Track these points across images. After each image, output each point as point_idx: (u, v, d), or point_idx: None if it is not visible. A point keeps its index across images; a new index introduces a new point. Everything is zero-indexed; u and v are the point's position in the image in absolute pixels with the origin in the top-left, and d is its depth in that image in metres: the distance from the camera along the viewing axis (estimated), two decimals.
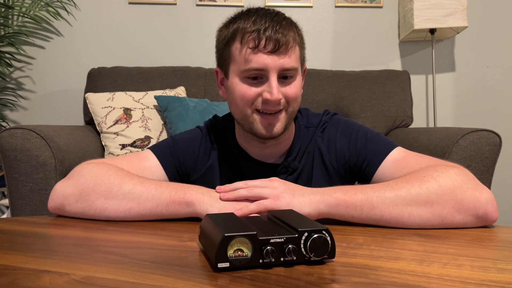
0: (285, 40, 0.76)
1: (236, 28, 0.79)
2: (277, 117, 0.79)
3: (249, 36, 0.76)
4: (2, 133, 1.48)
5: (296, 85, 0.81)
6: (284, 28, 0.77)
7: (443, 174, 0.68)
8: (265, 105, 0.78)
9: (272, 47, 0.75)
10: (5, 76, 2.36)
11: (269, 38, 0.75)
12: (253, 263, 0.48)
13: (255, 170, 0.88)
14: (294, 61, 0.78)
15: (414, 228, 0.66)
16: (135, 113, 1.94)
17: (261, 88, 0.78)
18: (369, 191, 0.67)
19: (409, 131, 1.98)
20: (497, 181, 1.41)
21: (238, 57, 0.78)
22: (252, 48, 0.76)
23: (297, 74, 0.81)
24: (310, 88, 2.16)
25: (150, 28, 2.42)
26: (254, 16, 0.78)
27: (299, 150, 0.89)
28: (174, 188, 0.71)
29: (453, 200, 0.65)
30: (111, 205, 0.71)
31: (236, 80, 0.80)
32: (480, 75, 2.49)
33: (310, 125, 0.91)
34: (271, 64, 0.76)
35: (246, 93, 0.78)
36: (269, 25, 0.76)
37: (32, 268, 0.49)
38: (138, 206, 0.71)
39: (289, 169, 0.87)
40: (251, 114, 0.80)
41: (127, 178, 0.74)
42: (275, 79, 0.77)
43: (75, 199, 0.73)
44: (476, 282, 0.44)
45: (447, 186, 0.66)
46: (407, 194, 0.66)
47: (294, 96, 0.80)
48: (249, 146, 0.89)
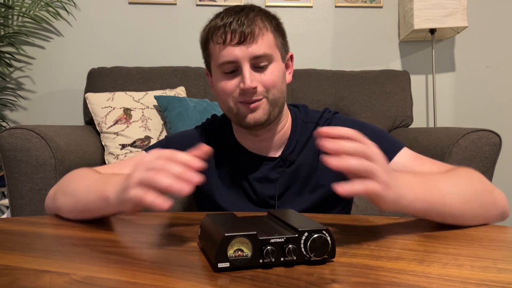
0: (249, 30, 0.78)
1: (209, 28, 0.83)
2: (258, 104, 0.81)
3: (217, 33, 0.80)
4: (2, 133, 1.48)
5: (272, 71, 0.82)
6: (249, 19, 0.79)
7: (476, 175, 0.71)
8: (242, 96, 0.81)
9: (238, 39, 0.78)
10: (5, 76, 2.36)
11: (234, 31, 0.78)
12: (253, 263, 0.47)
13: (252, 163, 0.89)
14: (264, 48, 0.80)
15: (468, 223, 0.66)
16: (135, 113, 1.94)
17: (238, 79, 0.81)
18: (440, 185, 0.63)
19: (409, 131, 1.98)
20: (497, 181, 1.40)
21: (213, 55, 0.83)
22: (221, 43, 0.79)
23: (272, 60, 0.82)
24: (310, 88, 2.16)
25: (150, 28, 2.42)
26: (222, 14, 0.82)
27: (296, 144, 0.89)
28: (104, 182, 0.66)
29: (493, 197, 0.69)
30: (63, 203, 0.74)
31: (216, 76, 0.84)
32: (480, 75, 2.49)
33: (309, 120, 0.91)
34: (240, 55, 0.78)
35: (225, 87, 0.82)
36: (233, 18, 0.79)
37: (32, 268, 0.49)
38: (77, 203, 0.70)
39: (286, 162, 0.87)
40: (234, 106, 0.82)
41: (81, 176, 0.75)
42: (248, 68, 0.79)
43: (52, 199, 0.79)
44: (476, 282, 0.44)
45: (484, 183, 0.69)
46: (467, 189, 0.65)
47: (271, 83, 0.81)
48: (245, 141, 0.90)
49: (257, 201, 0.88)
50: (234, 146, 0.91)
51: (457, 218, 0.64)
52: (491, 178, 1.49)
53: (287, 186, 0.88)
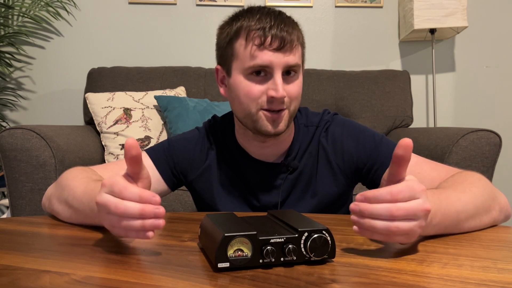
0: (290, 38, 0.76)
1: (240, 26, 0.79)
2: (280, 114, 0.79)
3: (254, 34, 0.76)
4: (2, 133, 1.48)
5: (298, 83, 0.81)
6: (288, 27, 0.77)
7: (480, 181, 0.71)
8: (270, 104, 0.78)
9: (277, 45, 0.76)
10: (5, 76, 2.36)
11: (275, 35, 0.75)
12: (253, 263, 0.48)
13: (255, 169, 0.88)
14: (297, 58, 0.79)
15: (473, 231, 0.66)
16: (135, 113, 1.94)
17: (266, 85, 0.78)
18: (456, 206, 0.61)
19: (409, 131, 1.98)
20: (497, 181, 1.41)
21: (242, 54, 0.78)
22: (258, 45, 0.76)
23: (299, 72, 0.81)
24: (310, 88, 2.16)
25: (150, 28, 2.42)
26: (258, 14, 0.78)
27: (299, 149, 0.88)
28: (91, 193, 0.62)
29: (498, 204, 0.69)
30: (60, 210, 0.73)
31: (240, 78, 0.79)
32: (480, 75, 2.49)
33: (310, 124, 0.90)
34: (276, 61, 0.76)
35: (251, 91, 0.78)
36: (274, 23, 0.76)
37: (32, 268, 0.49)
38: (74, 213, 0.69)
39: (289, 168, 0.87)
40: (256, 112, 0.79)
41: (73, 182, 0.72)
42: (280, 76, 0.77)
43: (48, 202, 0.78)
44: (476, 282, 0.44)
45: (490, 191, 0.69)
46: (478, 204, 0.65)
47: (296, 95, 0.80)
48: (249, 146, 0.88)
49: (259, 207, 0.88)
50: (236, 151, 0.90)
51: (466, 231, 0.65)
52: (491, 178, 1.49)
53: (289, 192, 0.88)
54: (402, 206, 0.49)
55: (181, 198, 1.53)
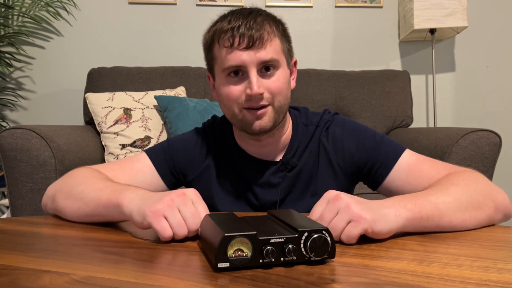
0: (258, 34, 0.77)
1: (214, 30, 0.81)
2: (264, 112, 0.80)
3: (224, 36, 0.78)
4: (2, 133, 1.48)
5: (279, 78, 0.80)
6: (257, 24, 0.78)
7: (475, 178, 0.71)
8: (248, 101, 0.79)
9: (246, 43, 0.76)
10: (5, 76, 2.36)
11: (242, 35, 0.76)
12: (253, 263, 0.47)
13: (254, 168, 0.88)
14: (272, 53, 0.78)
15: (470, 229, 0.66)
16: (135, 113, 1.94)
17: (244, 85, 0.79)
18: (432, 198, 0.64)
19: (409, 131, 1.98)
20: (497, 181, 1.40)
21: (218, 58, 0.80)
22: (228, 47, 0.77)
23: (279, 66, 0.81)
24: (310, 88, 2.16)
25: (150, 28, 2.42)
26: (229, 16, 0.80)
27: (297, 148, 0.89)
28: (117, 189, 0.68)
29: (494, 201, 0.69)
30: (67, 205, 0.73)
31: (222, 81, 0.81)
32: (480, 75, 2.49)
33: (310, 123, 0.90)
34: (247, 60, 0.77)
35: (230, 92, 0.80)
36: (242, 22, 0.77)
37: (32, 268, 0.49)
38: (84, 206, 0.71)
39: (288, 166, 0.87)
40: (239, 112, 0.81)
41: (88, 179, 0.75)
42: (255, 74, 0.77)
43: (51, 200, 0.78)
44: (476, 282, 0.44)
45: (485, 189, 0.70)
46: (463, 198, 0.66)
47: (278, 90, 0.80)
48: (247, 145, 0.89)
49: (258, 206, 0.88)
50: (235, 150, 0.90)
51: (458, 227, 0.65)
52: (491, 178, 1.49)
53: (288, 191, 0.88)
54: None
55: None
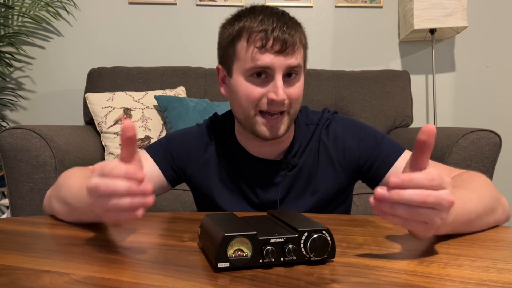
0: (292, 41, 0.76)
1: (242, 27, 0.78)
2: (280, 119, 0.79)
3: (256, 36, 0.75)
4: (2, 133, 1.48)
5: (299, 86, 0.81)
6: (291, 29, 0.76)
7: (486, 182, 0.71)
8: (270, 106, 0.77)
9: (279, 47, 0.75)
10: (5, 76, 2.36)
11: (277, 38, 0.74)
12: (253, 263, 0.47)
13: (254, 166, 0.88)
14: (299, 60, 0.79)
15: None
16: (135, 113, 1.94)
17: (266, 88, 0.77)
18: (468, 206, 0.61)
19: (409, 131, 1.98)
20: (497, 181, 1.40)
21: (243, 56, 0.77)
22: (259, 48, 0.75)
23: (301, 73, 0.81)
24: (310, 88, 2.16)
25: (150, 28, 2.42)
26: (261, 15, 0.77)
27: (299, 147, 0.89)
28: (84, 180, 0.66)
29: (501, 205, 0.69)
30: (59, 209, 0.73)
31: (241, 79, 0.79)
32: (480, 75, 2.49)
33: (310, 122, 0.90)
34: (277, 64, 0.75)
35: (251, 93, 0.77)
36: (276, 25, 0.75)
37: (32, 268, 0.49)
38: (72, 211, 0.70)
39: (289, 166, 0.87)
40: (254, 116, 0.79)
41: (70, 181, 0.73)
42: (281, 79, 0.76)
43: (48, 202, 0.78)
44: (476, 282, 0.44)
45: (493, 193, 0.69)
46: (486, 204, 0.65)
47: (297, 97, 0.80)
48: (248, 144, 0.88)
49: (258, 204, 0.88)
50: (235, 148, 0.90)
51: (473, 231, 0.64)
52: (491, 178, 1.49)
53: (288, 189, 0.88)
54: (433, 194, 0.47)
55: (181, 198, 1.53)
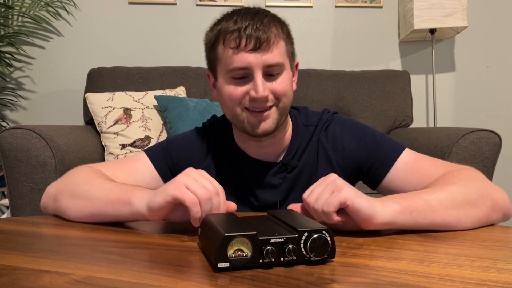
0: (266, 36, 0.76)
1: (219, 30, 0.79)
2: (267, 114, 0.79)
3: (230, 36, 0.77)
4: (2, 133, 1.48)
5: (284, 80, 0.80)
6: (264, 25, 0.77)
7: (472, 176, 0.71)
8: (252, 103, 0.78)
9: (253, 45, 0.75)
10: (5, 76, 2.36)
11: (250, 36, 0.75)
12: (253, 263, 0.48)
13: (254, 169, 0.88)
14: (278, 57, 0.78)
15: (468, 229, 0.65)
16: (135, 113, 1.94)
17: (247, 86, 0.78)
18: (424, 195, 0.65)
19: (409, 131, 1.98)
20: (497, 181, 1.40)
21: (223, 58, 0.79)
22: (234, 48, 0.76)
23: (283, 69, 0.80)
24: (310, 88, 2.16)
25: (150, 28, 2.42)
26: (235, 16, 0.78)
27: (298, 148, 0.88)
28: (126, 188, 0.70)
29: (491, 200, 0.68)
30: (71, 204, 0.73)
31: (224, 81, 0.80)
32: (480, 75, 2.49)
33: (310, 123, 0.90)
34: (254, 62, 0.76)
35: (233, 93, 0.79)
36: (249, 23, 0.76)
37: (32, 268, 0.49)
38: (90, 205, 0.70)
39: (288, 167, 0.87)
40: (241, 113, 0.80)
41: (93, 179, 0.75)
42: (260, 76, 0.77)
43: (53, 199, 0.77)
44: (476, 282, 0.44)
45: (482, 187, 0.69)
46: (458, 196, 0.65)
47: (283, 92, 0.80)
48: (247, 146, 0.89)
49: (258, 207, 0.87)
50: (234, 151, 0.90)
51: (453, 225, 0.64)
52: (491, 178, 1.49)
53: (288, 192, 0.88)
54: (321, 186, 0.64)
55: None
